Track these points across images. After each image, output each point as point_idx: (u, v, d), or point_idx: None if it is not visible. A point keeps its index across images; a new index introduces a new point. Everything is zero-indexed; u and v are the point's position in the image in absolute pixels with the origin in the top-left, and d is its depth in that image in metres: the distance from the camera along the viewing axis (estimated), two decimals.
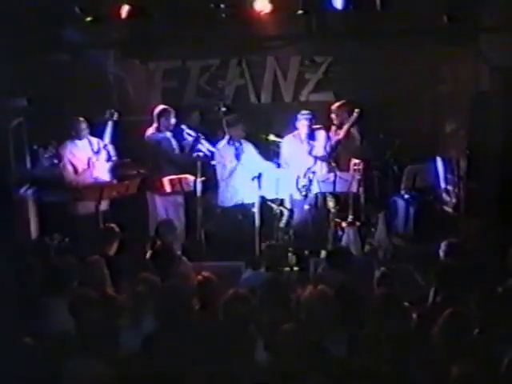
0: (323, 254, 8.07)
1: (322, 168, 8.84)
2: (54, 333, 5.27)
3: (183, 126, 8.80)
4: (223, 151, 8.87)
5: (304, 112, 8.78)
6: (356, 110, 8.81)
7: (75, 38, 9.31)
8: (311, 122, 8.75)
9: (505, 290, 5.47)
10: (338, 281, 6.01)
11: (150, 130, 8.78)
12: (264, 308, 5.32)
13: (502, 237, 7.60)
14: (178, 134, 8.85)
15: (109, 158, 8.68)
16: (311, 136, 8.82)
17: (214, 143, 8.88)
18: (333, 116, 9.09)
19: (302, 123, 8.74)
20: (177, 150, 8.79)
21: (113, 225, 7.23)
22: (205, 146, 8.67)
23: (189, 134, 8.73)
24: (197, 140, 8.66)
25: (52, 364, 4.76)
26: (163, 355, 4.76)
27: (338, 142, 8.90)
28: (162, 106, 8.86)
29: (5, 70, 8.64)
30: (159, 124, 8.74)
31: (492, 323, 4.99)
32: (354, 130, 9.04)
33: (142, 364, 4.77)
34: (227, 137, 8.88)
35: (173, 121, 8.77)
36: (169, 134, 8.78)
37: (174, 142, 8.80)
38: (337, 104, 9.14)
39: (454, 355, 4.48)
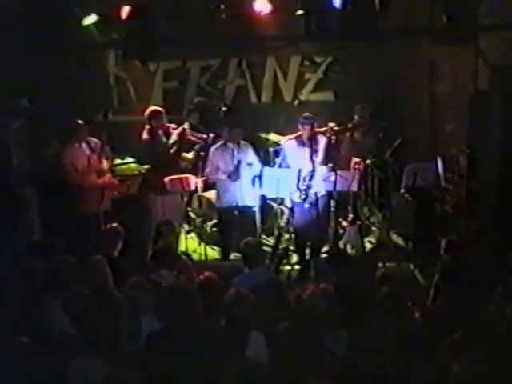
0: (323, 255, 8.11)
1: (322, 168, 8.85)
2: (54, 333, 5.31)
3: (167, 123, 8.82)
4: (220, 153, 8.86)
5: (306, 115, 8.77)
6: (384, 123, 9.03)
7: (76, 38, 9.33)
8: (313, 125, 8.74)
9: (505, 288, 5.50)
10: (340, 279, 6.05)
11: (144, 133, 8.79)
12: (265, 307, 5.35)
13: (501, 235, 7.64)
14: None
15: (107, 156, 8.71)
16: (312, 140, 8.82)
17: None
18: (355, 116, 9.15)
19: (304, 127, 8.73)
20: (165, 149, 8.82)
21: (116, 225, 7.26)
22: (194, 137, 8.69)
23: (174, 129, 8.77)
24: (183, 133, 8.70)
25: (52, 364, 4.79)
26: (164, 355, 4.78)
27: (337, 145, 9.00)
28: (152, 108, 8.86)
29: (5, 71, 8.66)
30: (151, 125, 8.75)
31: None
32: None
33: (142, 364, 4.79)
34: (224, 139, 8.88)
35: (164, 121, 8.78)
36: (160, 133, 8.79)
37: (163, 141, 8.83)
38: (360, 105, 9.20)
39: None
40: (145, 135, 8.74)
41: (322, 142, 8.82)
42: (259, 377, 4.35)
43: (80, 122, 8.60)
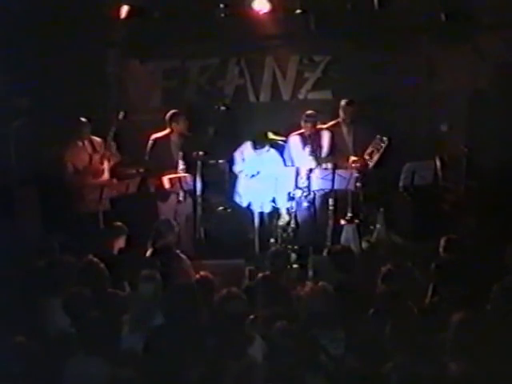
0: (324, 252, 8.13)
1: (322, 166, 8.87)
2: (54, 332, 5.33)
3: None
4: (246, 153, 8.91)
5: (309, 113, 8.82)
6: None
7: (76, 38, 9.34)
8: (315, 123, 8.79)
9: (502, 287, 5.52)
10: (338, 278, 6.06)
11: (160, 134, 8.81)
12: (263, 305, 5.37)
13: (499, 234, 7.66)
14: None
15: (109, 156, 8.71)
16: (315, 137, 8.84)
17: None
18: (341, 113, 9.13)
19: (307, 125, 8.78)
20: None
21: (119, 223, 7.28)
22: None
23: None
24: None
25: (51, 363, 4.81)
26: (163, 354, 4.79)
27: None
28: (173, 111, 8.87)
29: (6, 70, 8.68)
30: (171, 128, 8.78)
31: None
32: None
33: (140, 363, 4.81)
34: (251, 143, 8.93)
35: (185, 124, 8.80)
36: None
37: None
38: (345, 101, 9.18)
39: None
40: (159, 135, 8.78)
41: (326, 136, 8.86)
42: (255, 375, 4.37)
43: (83, 119, 8.63)
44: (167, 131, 8.82)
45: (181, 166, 8.62)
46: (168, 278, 6.11)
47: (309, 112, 8.87)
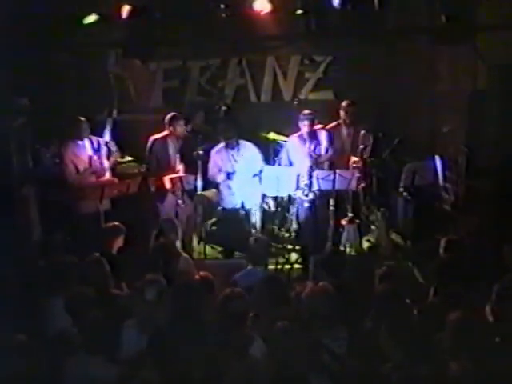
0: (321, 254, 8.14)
1: (322, 166, 8.88)
2: (55, 332, 5.34)
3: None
4: (219, 155, 8.91)
5: (306, 112, 8.84)
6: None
7: (76, 38, 9.35)
8: (313, 121, 8.81)
9: (502, 287, 5.54)
10: (339, 278, 6.07)
11: (159, 135, 8.81)
12: (263, 305, 5.38)
13: (499, 234, 7.67)
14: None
15: (109, 155, 8.71)
16: (313, 136, 8.86)
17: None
18: (342, 113, 9.08)
19: (304, 123, 8.80)
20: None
21: (117, 223, 7.29)
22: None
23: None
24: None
25: (52, 363, 4.82)
26: (164, 354, 4.81)
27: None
28: (171, 114, 8.87)
29: (6, 70, 8.68)
30: (170, 131, 8.79)
31: None
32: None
33: (142, 363, 4.82)
34: (223, 142, 8.92)
35: (183, 127, 8.81)
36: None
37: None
38: (347, 102, 9.15)
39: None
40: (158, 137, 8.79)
41: (323, 135, 8.87)
42: (257, 376, 4.38)
43: (81, 118, 8.64)
44: (166, 133, 8.83)
45: (179, 167, 8.64)
46: (170, 277, 6.14)
47: (306, 111, 8.88)
